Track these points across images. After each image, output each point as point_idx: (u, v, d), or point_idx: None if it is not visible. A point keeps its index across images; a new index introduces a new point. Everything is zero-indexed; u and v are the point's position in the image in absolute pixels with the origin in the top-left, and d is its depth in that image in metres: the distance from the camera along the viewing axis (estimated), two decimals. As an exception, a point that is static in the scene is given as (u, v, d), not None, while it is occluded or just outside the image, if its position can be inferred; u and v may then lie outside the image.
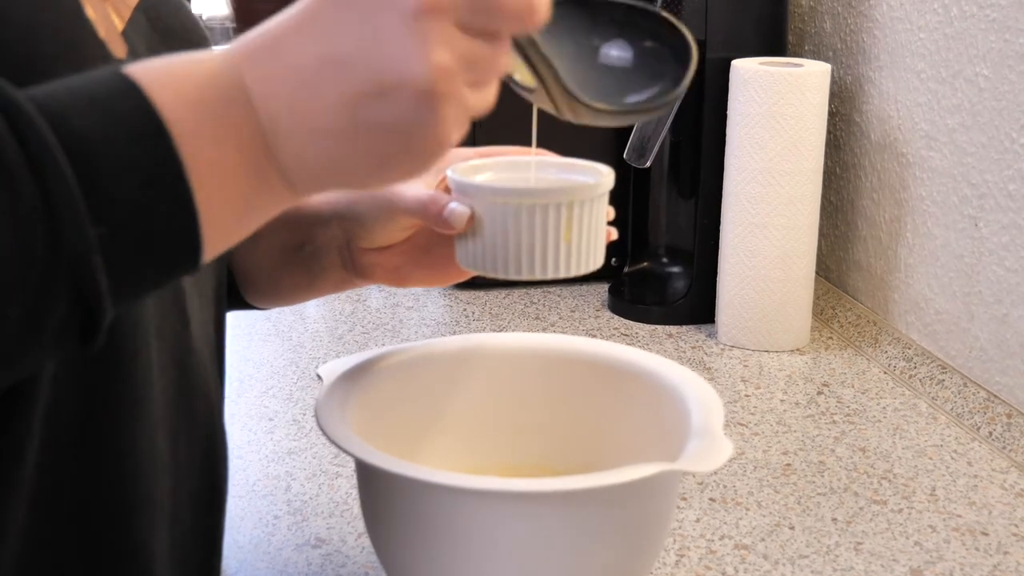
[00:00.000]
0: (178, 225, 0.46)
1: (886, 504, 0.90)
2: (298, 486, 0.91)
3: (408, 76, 0.47)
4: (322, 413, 0.69)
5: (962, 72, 1.07)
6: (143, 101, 0.45)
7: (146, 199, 0.44)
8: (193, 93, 0.47)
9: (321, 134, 0.48)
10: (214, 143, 0.47)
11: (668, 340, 1.24)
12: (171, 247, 0.46)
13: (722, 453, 0.65)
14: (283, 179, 0.49)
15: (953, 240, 1.10)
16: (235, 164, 0.48)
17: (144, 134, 0.44)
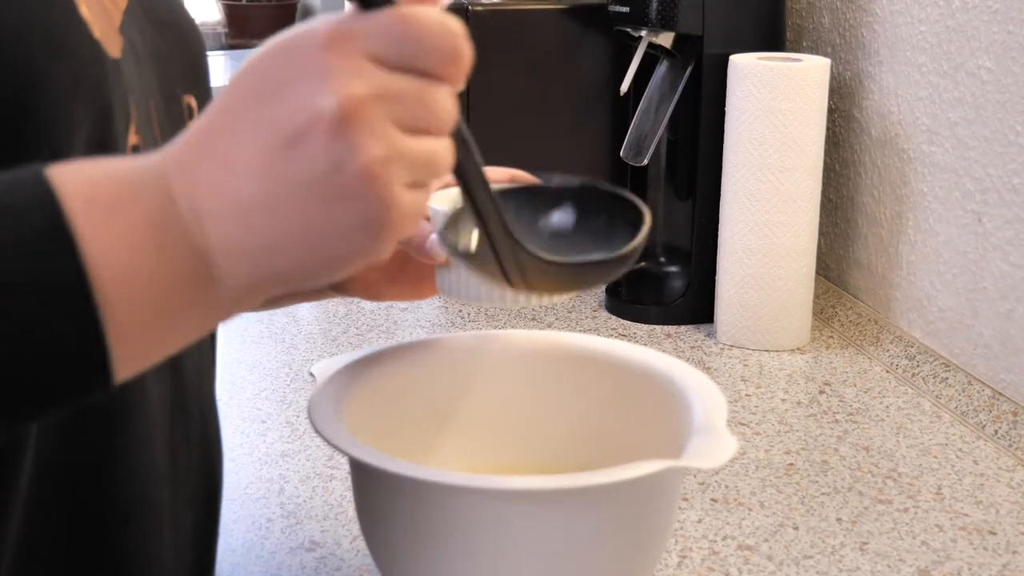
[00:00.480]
0: (83, 343, 0.42)
1: (891, 503, 0.88)
2: (292, 489, 0.89)
3: (314, 111, 0.43)
4: (315, 412, 0.67)
5: (964, 65, 1.06)
6: (56, 212, 0.42)
7: (46, 315, 0.41)
8: (109, 196, 0.44)
9: (245, 210, 0.44)
10: (128, 248, 0.43)
11: (666, 340, 1.22)
12: (75, 367, 0.43)
13: (726, 449, 0.63)
14: (212, 279, 0.45)
15: (956, 236, 1.08)
16: (154, 269, 0.44)
17: (50, 249, 0.42)
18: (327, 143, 0.43)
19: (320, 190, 0.43)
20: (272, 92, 0.44)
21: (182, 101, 0.64)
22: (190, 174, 0.45)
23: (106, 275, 0.42)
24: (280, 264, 0.45)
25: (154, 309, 0.44)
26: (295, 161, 0.43)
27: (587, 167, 1.33)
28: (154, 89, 0.61)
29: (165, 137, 0.61)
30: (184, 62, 0.65)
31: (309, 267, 0.45)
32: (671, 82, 1.24)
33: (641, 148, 1.23)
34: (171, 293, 0.44)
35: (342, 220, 0.44)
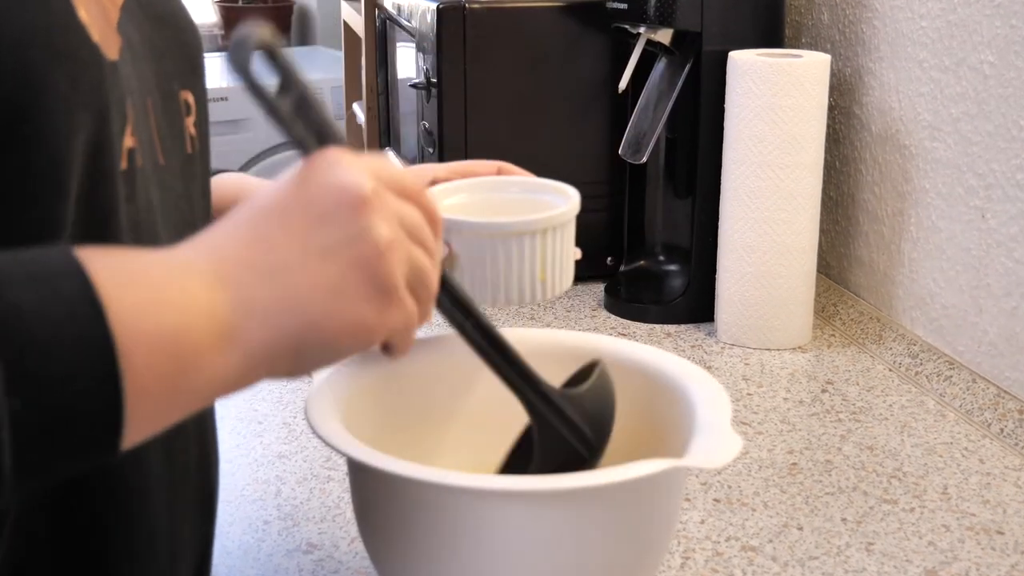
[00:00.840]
0: (102, 407, 0.44)
1: (897, 503, 0.87)
2: (288, 490, 0.88)
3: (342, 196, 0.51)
4: (312, 411, 0.65)
5: (966, 60, 1.05)
6: (85, 281, 0.44)
7: (71, 385, 0.43)
8: (134, 263, 0.47)
9: (269, 272, 0.49)
10: (153, 308, 0.46)
11: (667, 339, 1.21)
12: (90, 430, 0.44)
13: (731, 448, 0.62)
14: (230, 340, 0.48)
15: (959, 232, 1.07)
16: (175, 327, 0.46)
17: (80, 313, 0.43)
18: (349, 220, 0.51)
19: (339, 257, 0.50)
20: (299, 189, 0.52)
21: (179, 97, 0.63)
22: (218, 250, 0.50)
23: (128, 333, 0.44)
24: (294, 325, 0.49)
25: (172, 368, 0.46)
26: (322, 233, 0.50)
27: (585, 165, 1.32)
28: (151, 86, 0.60)
29: (162, 134, 0.60)
30: (181, 58, 0.64)
31: (320, 331, 0.50)
32: (670, 79, 1.23)
33: (640, 146, 1.22)
34: (189, 353, 0.46)
35: (353, 285, 0.51)
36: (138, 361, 0.44)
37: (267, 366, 0.50)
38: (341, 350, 0.52)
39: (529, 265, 0.70)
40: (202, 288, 0.48)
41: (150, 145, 0.59)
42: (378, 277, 0.51)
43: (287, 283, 0.49)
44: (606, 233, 1.34)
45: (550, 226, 0.70)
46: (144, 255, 0.48)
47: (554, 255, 0.71)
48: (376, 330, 0.52)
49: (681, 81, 1.21)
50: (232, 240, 0.50)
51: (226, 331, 0.48)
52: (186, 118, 0.64)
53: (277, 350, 0.49)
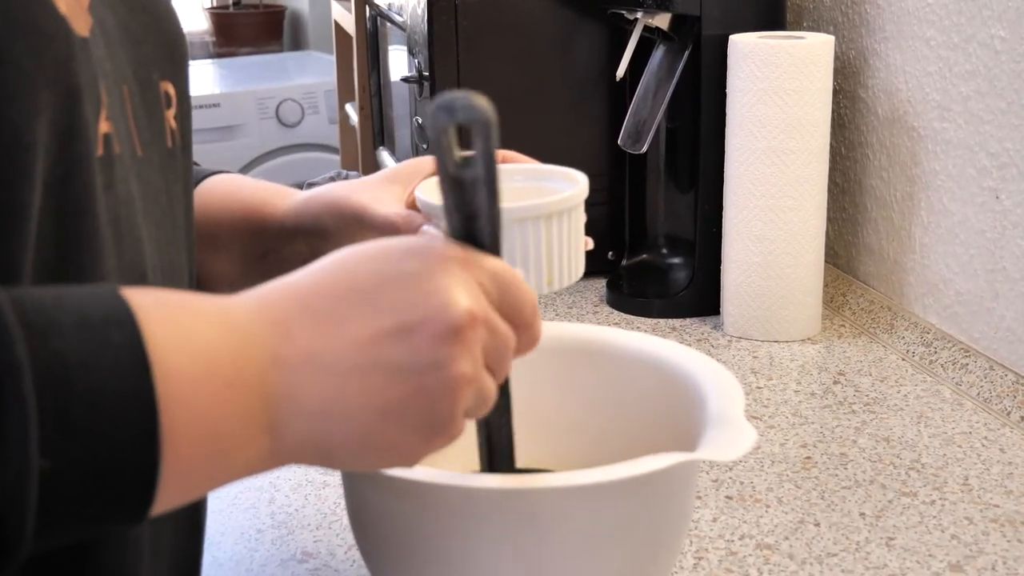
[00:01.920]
0: (136, 469, 0.41)
1: (916, 496, 0.84)
2: (282, 497, 0.85)
3: (437, 310, 0.46)
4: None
5: (976, 36, 1.01)
6: (135, 335, 0.41)
7: (109, 440, 0.40)
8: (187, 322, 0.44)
9: (327, 371, 0.45)
10: (201, 377, 0.43)
11: (672, 334, 1.17)
12: (120, 492, 0.41)
13: (745, 440, 0.58)
14: (269, 427, 0.45)
15: (972, 215, 1.04)
16: (220, 402, 0.43)
17: (127, 372, 0.40)
18: (433, 346, 0.46)
19: (407, 380, 0.46)
20: (397, 279, 0.47)
21: (159, 87, 0.60)
22: (282, 324, 0.46)
23: (173, 395, 0.41)
24: (333, 433, 0.46)
25: (211, 444, 0.43)
26: (397, 347, 0.46)
27: (584, 156, 1.28)
28: (128, 74, 0.56)
29: (139, 125, 0.57)
30: (160, 45, 0.61)
31: (357, 447, 0.46)
32: (669, 66, 1.19)
33: (640, 135, 1.18)
34: (229, 431, 0.44)
35: (411, 413, 0.46)
36: (179, 429, 0.41)
37: (295, 459, 0.47)
38: (373, 466, 0.49)
39: (534, 254, 0.65)
40: (256, 371, 0.44)
41: (127, 135, 0.55)
42: (439, 414, 0.47)
43: (343, 388, 0.46)
44: (607, 226, 1.30)
45: (555, 211, 0.65)
46: (197, 305, 0.45)
47: (561, 243, 0.66)
48: (416, 458, 0.49)
49: (680, 67, 1.17)
50: (302, 310, 0.46)
51: (268, 420, 0.45)
52: (166, 110, 0.60)
53: (309, 450, 0.46)
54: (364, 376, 0.46)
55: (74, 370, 0.39)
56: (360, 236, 0.66)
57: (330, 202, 0.66)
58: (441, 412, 0.47)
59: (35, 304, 0.40)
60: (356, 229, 0.66)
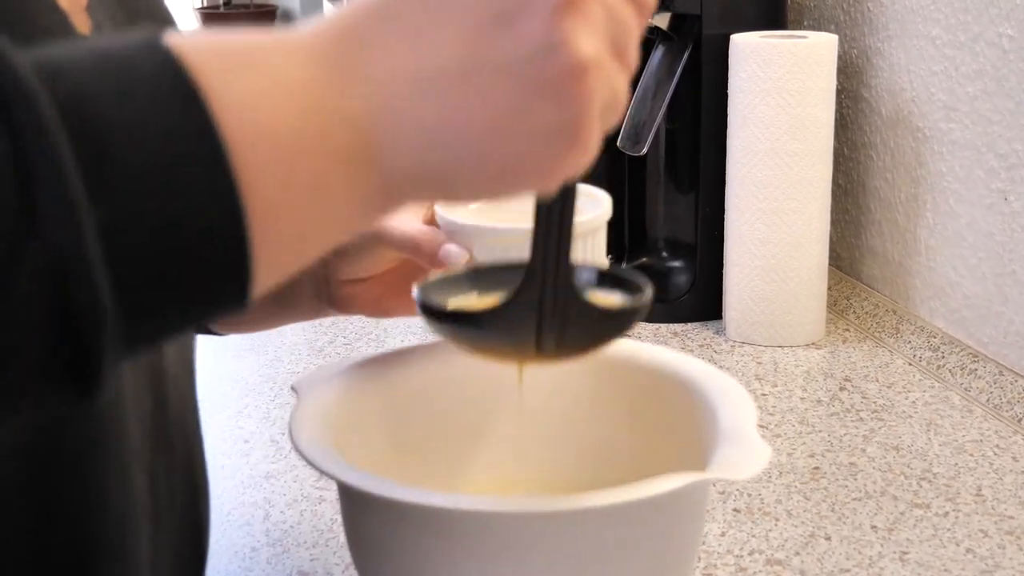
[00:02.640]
0: (215, 219, 0.33)
1: (929, 508, 0.81)
2: (277, 514, 0.82)
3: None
4: (297, 430, 0.60)
5: (983, 35, 0.99)
6: (170, 58, 0.34)
7: (165, 174, 0.32)
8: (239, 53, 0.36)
9: (426, 82, 0.37)
10: (268, 107, 0.35)
11: (673, 339, 1.15)
12: (206, 254, 0.33)
13: (759, 457, 0.56)
14: (367, 158, 0.37)
15: (980, 217, 1.02)
16: (299, 135, 0.35)
17: (168, 92, 0.33)
18: (544, 27, 0.37)
19: (519, 77, 0.37)
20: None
21: None
22: (358, 38, 0.37)
23: (237, 127, 0.33)
24: (446, 155, 0.38)
25: (298, 185, 0.35)
26: (501, 39, 0.37)
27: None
28: None
29: None
30: None
31: (475, 171, 0.38)
32: (668, 66, 1.17)
33: (639, 137, 1.16)
34: (319, 169, 0.36)
35: (531, 116, 0.38)
36: (254, 168, 0.34)
37: (409, 195, 0.39)
38: (499, 194, 0.40)
39: None
40: (332, 86, 0.36)
41: None
42: (566, 113, 0.38)
43: (442, 102, 0.37)
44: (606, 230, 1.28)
45: (587, 230, 0.64)
46: (243, 37, 0.36)
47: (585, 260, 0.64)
48: (550, 179, 0.39)
49: (680, 67, 1.15)
50: (373, 26, 0.38)
51: (362, 144, 0.37)
52: None
53: (420, 181, 0.38)
54: (466, 82, 0.37)
55: (104, 99, 0.32)
56: (377, 254, 0.64)
57: None
58: (568, 110, 0.38)
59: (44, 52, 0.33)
60: (373, 247, 0.63)
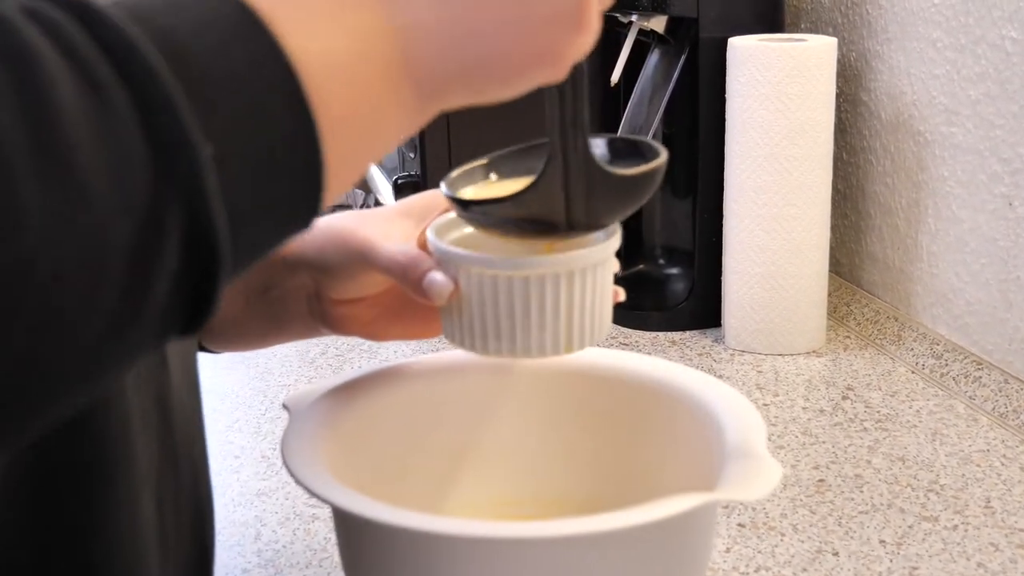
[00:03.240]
0: (295, 138, 0.36)
1: (938, 521, 0.80)
2: (269, 533, 0.80)
3: None
4: (289, 450, 0.57)
5: (985, 37, 0.97)
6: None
7: (253, 108, 0.35)
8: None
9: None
10: (324, 30, 0.38)
11: (671, 348, 1.13)
12: (290, 172, 0.37)
13: (770, 476, 0.54)
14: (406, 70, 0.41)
15: (984, 223, 1.00)
16: (353, 51, 0.39)
17: (244, 34, 0.36)
18: None
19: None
20: None
21: None
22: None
23: (301, 54, 0.37)
24: (472, 57, 0.42)
25: (354, 99, 0.39)
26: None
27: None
28: None
29: None
30: None
31: (502, 64, 0.42)
32: (665, 70, 1.15)
33: (635, 142, 1.14)
34: (371, 81, 0.40)
35: (540, 4, 0.42)
36: (321, 90, 0.37)
37: (440, 99, 0.43)
38: (523, 83, 0.43)
39: (552, 313, 0.56)
40: (365, 6, 0.40)
41: None
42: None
43: (458, 6, 0.41)
44: (601, 236, 1.26)
45: (581, 266, 0.56)
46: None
47: (584, 300, 0.57)
48: (565, 59, 0.43)
49: (677, 72, 1.13)
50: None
51: (399, 58, 0.40)
52: None
53: (451, 84, 0.42)
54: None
55: (189, 43, 0.35)
56: (365, 275, 0.60)
57: (335, 235, 0.60)
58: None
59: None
60: (360, 266, 0.60)
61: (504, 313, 0.56)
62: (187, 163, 0.33)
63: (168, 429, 0.54)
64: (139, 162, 0.32)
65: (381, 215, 0.62)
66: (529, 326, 0.56)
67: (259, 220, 0.36)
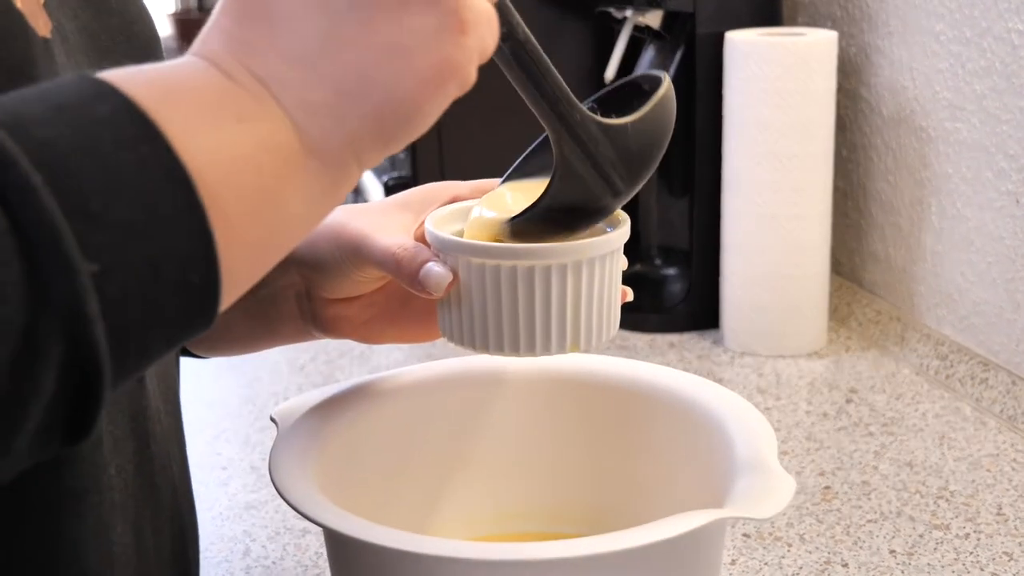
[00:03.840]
0: (189, 248, 0.34)
1: (949, 529, 0.77)
2: (258, 548, 0.77)
3: None
4: (277, 468, 0.55)
5: (991, 29, 0.95)
6: (122, 100, 0.34)
7: (143, 218, 0.33)
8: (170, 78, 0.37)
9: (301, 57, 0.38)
10: (208, 125, 0.36)
11: (670, 350, 1.10)
12: (183, 284, 0.34)
13: (783, 491, 0.52)
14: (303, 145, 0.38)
15: (990, 221, 0.97)
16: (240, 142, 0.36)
17: (131, 138, 0.34)
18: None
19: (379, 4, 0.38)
20: None
21: None
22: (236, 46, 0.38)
23: (193, 156, 0.34)
24: (367, 104, 0.39)
25: (252, 190, 0.37)
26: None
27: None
28: None
29: None
30: (131, 54, 0.53)
31: (399, 97, 0.39)
32: (660, 66, 1.12)
33: (631, 140, 1.12)
34: (265, 169, 0.37)
35: (415, 30, 0.39)
36: (215, 189, 0.35)
37: (354, 163, 0.40)
38: (432, 107, 0.40)
39: (558, 307, 0.53)
40: (246, 93, 0.37)
41: None
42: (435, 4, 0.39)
43: (333, 62, 0.38)
44: (596, 237, 1.24)
45: (589, 256, 0.53)
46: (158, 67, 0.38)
47: (591, 294, 0.53)
48: (462, 65, 0.40)
49: (673, 68, 1.10)
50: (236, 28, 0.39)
51: (296, 141, 0.38)
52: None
53: (360, 143, 0.39)
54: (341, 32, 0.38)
55: (73, 155, 0.33)
56: (359, 270, 0.57)
57: (326, 229, 0.57)
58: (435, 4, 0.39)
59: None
60: (353, 261, 0.56)
61: (506, 307, 0.53)
62: (65, 288, 0.31)
63: (145, 452, 0.51)
64: (13, 289, 0.31)
65: (377, 208, 0.59)
66: (533, 321, 0.53)
67: (148, 333, 0.34)
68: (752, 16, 1.10)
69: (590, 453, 0.65)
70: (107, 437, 0.47)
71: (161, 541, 0.53)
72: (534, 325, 0.53)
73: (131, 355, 0.34)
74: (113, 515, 0.47)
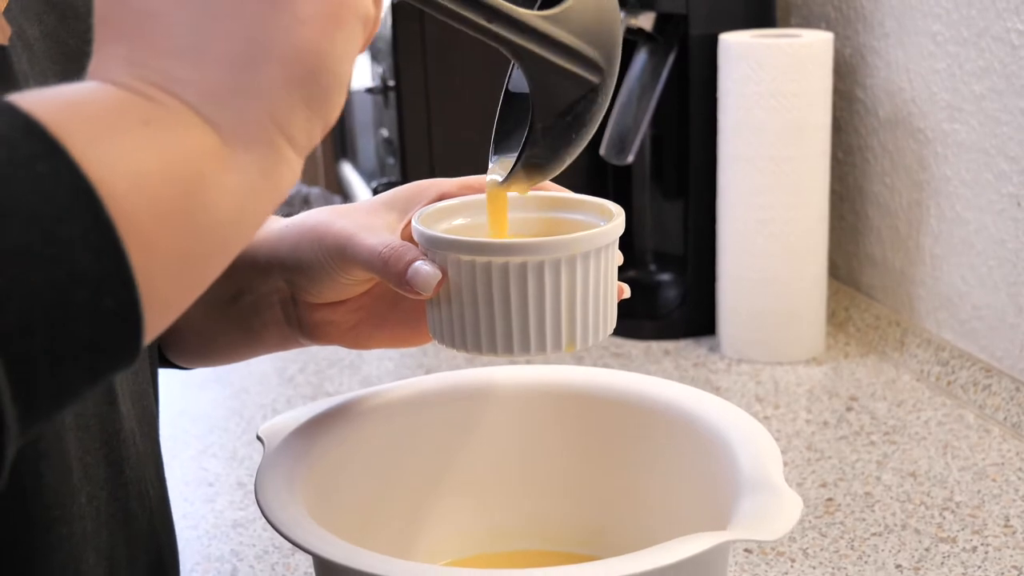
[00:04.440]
0: (100, 273, 0.31)
1: (955, 542, 0.75)
2: (246, 568, 0.75)
3: None
4: (264, 489, 0.53)
5: (989, 29, 0.93)
6: (19, 116, 0.32)
7: (41, 240, 0.30)
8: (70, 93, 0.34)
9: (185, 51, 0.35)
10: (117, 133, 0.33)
11: (666, 358, 1.08)
12: (94, 304, 0.31)
13: (790, 511, 0.50)
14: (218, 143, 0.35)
15: (991, 223, 0.96)
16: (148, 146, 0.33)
17: (31, 155, 0.31)
18: None
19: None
20: None
21: None
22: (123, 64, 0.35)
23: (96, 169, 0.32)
24: (269, 69, 0.35)
25: (169, 197, 0.33)
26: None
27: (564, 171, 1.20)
28: None
29: None
30: None
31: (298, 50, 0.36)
32: (653, 69, 1.10)
33: (623, 145, 1.10)
34: (181, 172, 0.34)
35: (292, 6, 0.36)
36: (127, 201, 0.32)
37: (283, 140, 0.36)
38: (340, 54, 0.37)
39: (552, 304, 0.51)
40: (153, 102, 0.35)
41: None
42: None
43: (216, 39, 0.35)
44: (589, 243, 1.21)
45: (584, 250, 0.51)
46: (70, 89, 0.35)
47: (587, 290, 0.52)
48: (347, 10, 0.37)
49: (666, 71, 1.08)
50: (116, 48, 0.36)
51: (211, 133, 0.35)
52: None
53: (276, 113, 0.36)
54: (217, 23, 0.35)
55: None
56: (344, 271, 0.55)
57: (309, 230, 0.55)
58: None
59: None
60: (338, 262, 0.54)
61: (498, 305, 0.51)
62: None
63: (119, 478, 0.49)
64: None
65: (362, 208, 0.57)
66: (526, 320, 0.51)
67: (60, 367, 0.31)
68: (745, 17, 1.08)
69: (588, 469, 0.63)
70: (77, 464, 0.45)
71: (136, 569, 0.51)
72: (527, 324, 0.51)
73: (41, 393, 0.31)
74: (84, 546, 0.45)
